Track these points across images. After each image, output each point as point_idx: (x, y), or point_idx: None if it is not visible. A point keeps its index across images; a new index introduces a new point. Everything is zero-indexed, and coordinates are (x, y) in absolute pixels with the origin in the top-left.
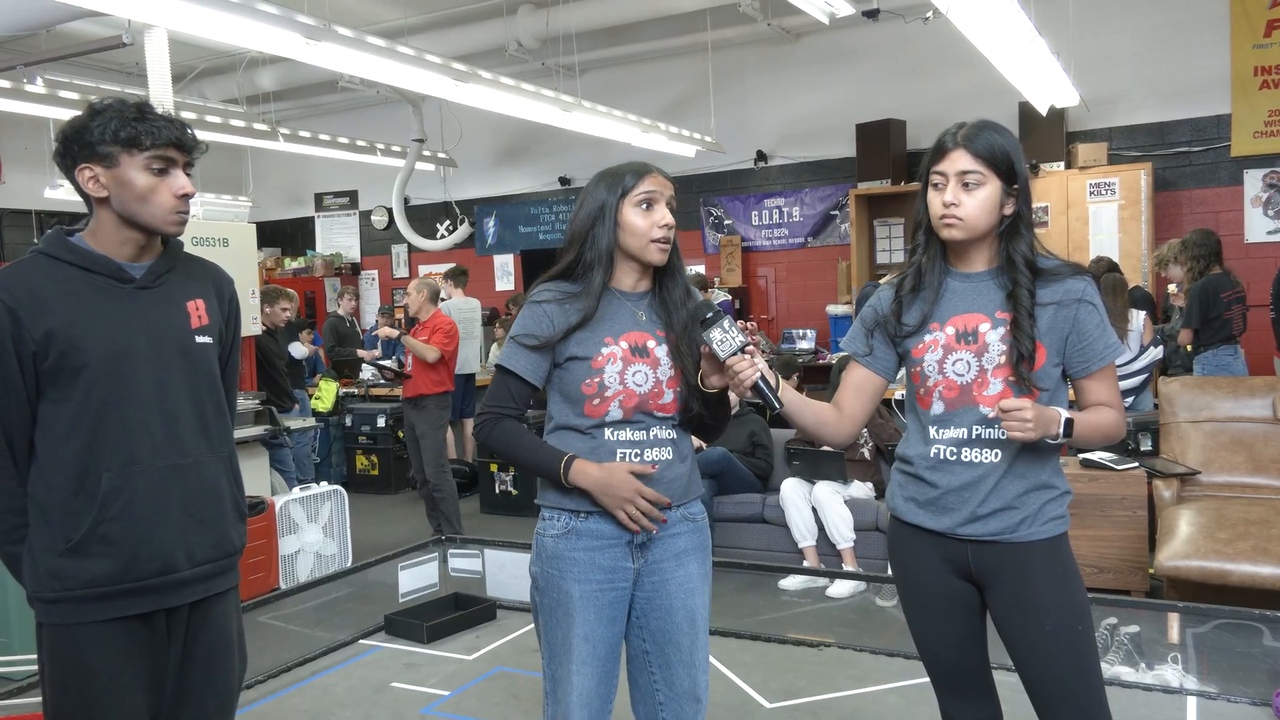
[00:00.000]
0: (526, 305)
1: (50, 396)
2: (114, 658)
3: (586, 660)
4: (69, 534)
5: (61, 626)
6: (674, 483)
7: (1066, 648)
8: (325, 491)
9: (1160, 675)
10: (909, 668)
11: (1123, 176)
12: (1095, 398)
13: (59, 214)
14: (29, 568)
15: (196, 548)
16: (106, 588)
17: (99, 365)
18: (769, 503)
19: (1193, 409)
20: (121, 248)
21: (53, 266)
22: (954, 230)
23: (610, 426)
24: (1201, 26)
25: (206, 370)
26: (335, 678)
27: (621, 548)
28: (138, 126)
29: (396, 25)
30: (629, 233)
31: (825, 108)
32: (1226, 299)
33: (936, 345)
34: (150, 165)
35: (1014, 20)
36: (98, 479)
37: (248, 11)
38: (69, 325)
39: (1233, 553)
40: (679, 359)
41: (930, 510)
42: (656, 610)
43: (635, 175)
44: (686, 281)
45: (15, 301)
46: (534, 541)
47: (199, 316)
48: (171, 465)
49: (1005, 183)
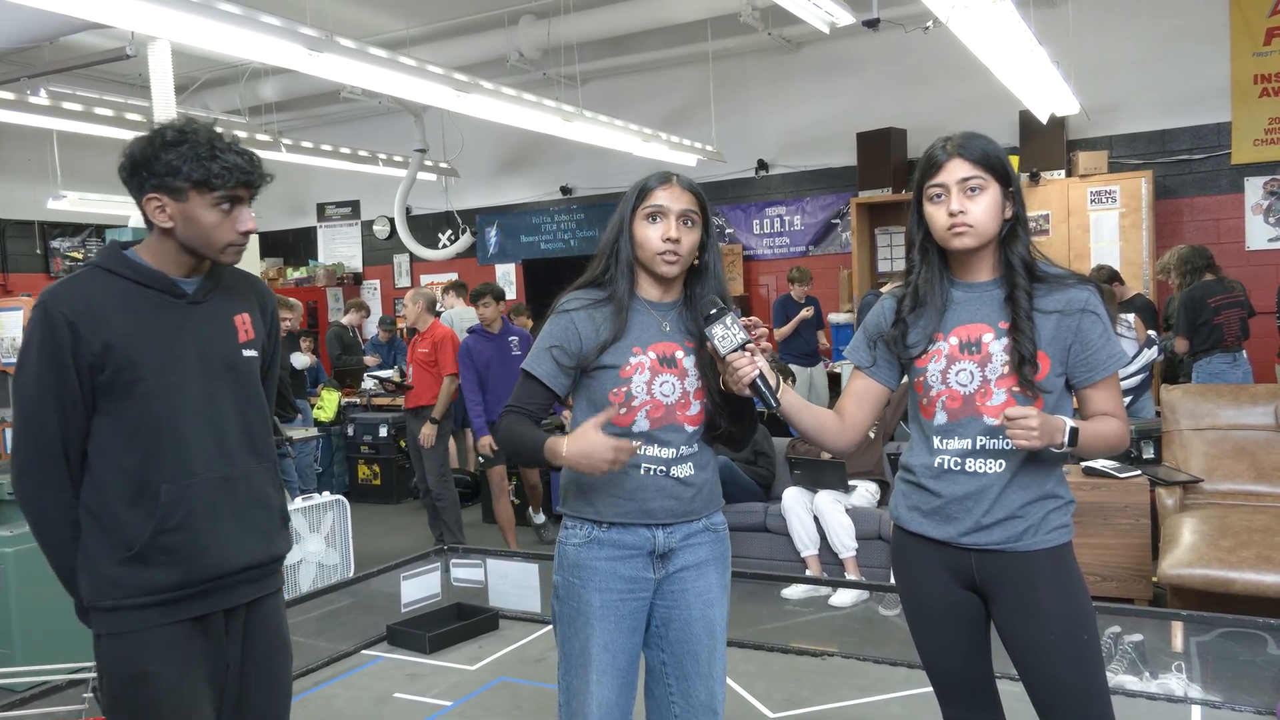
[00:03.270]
0: (555, 315)
1: (104, 409)
2: (175, 663)
3: (606, 670)
4: (130, 544)
5: (121, 635)
6: (698, 495)
7: (1071, 657)
8: (327, 501)
9: (1164, 684)
10: (913, 677)
11: (1123, 184)
12: (1099, 407)
13: (62, 225)
14: (86, 577)
15: (249, 553)
16: (166, 594)
17: (154, 379)
18: (771, 512)
19: (1195, 417)
20: (177, 267)
21: (109, 280)
22: (965, 238)
23: (637, 440)
24: (1201, 34)
25: (251, 383)
26: (337, 688)
27: (643, 558)
28: (210, 166)
29: (398, 36)
30: (638, 245)
31: (826, 117)
32: (1215, 304)
33: (940, 355)
34: (219, 204)
35: (1014, 29)
36: (156, 490)
37: (250, 23)
38: (126, 339)
39: (1236, 561)
40: (705, 370)
41: (934, 519)
42: (676, 621)
43: (649, 186)
44: (723, 292)
45: (75, 315)
46: (556, 550)
47: (245, 330)
48: (222, 476)
49: (1003, 185)
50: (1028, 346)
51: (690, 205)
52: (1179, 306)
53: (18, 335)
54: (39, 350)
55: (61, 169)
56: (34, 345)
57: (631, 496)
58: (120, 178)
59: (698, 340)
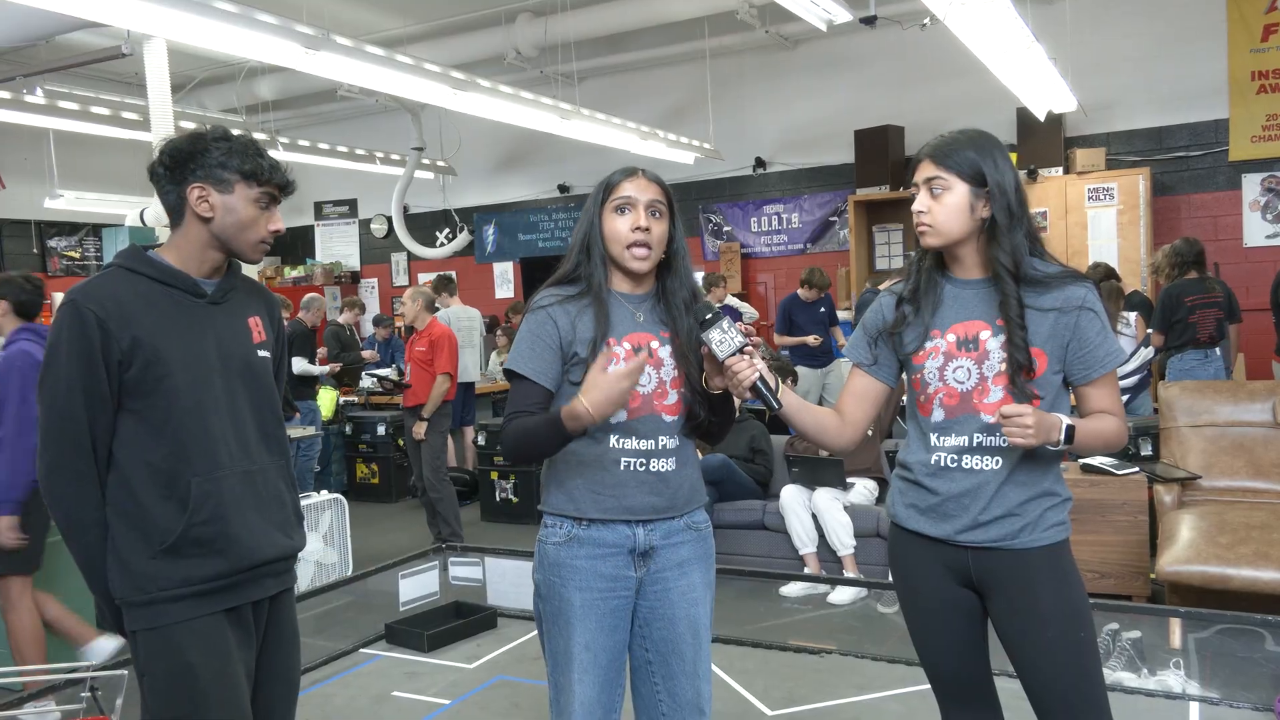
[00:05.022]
0: (529, 312)
1: (129, 406)
2: (216, 652)
3: (588, 668)
4: (162, 538)
5: (158, 629)
6: (679, 491)
7: (1069, 654)
8: (325, 500)
9: (1162, 681)
10: (910, 674)
11: (1121, 181)
12: (1097, 405)
13: (58, 224)
14: (118, 573)
15: (273, 546)
16: (201, 585)
17: (180, 376)
18: (769, 509)
19: (1193, 414)
20: (200, 266)
21: (133, 280)
22: (926, 237)
23: (615, 433)
24: (1199, 31)
25: (266, 382)
26: (335, 687)
27: (624, 556)
28: (259, 161)
29: (395, 34)
30: (608, 238)
31: (823, 114)
32: (1191, 303)
33: (937, 352)
34: (260, 200)
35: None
36: (187, 485)
37: (247, 21)
38: (152, 336)
39: (1234, 557)
40: (683, 361)
41: (931, 517)
42: (659, 620)
43: (615, 179)
44: (693, 285)
45: (105, 313)
46: (536, 549)
47: (258, 332)
48: (245, 471)
49: (974, 187)
50: (1022, 355)
51: (657, 196)
52: (1158, 303)
53: None
54: (69, 348)
55: (58, 168)
56: (63, 343)
57: (612, 491)
58: (153, 173)
59: (673, 330)
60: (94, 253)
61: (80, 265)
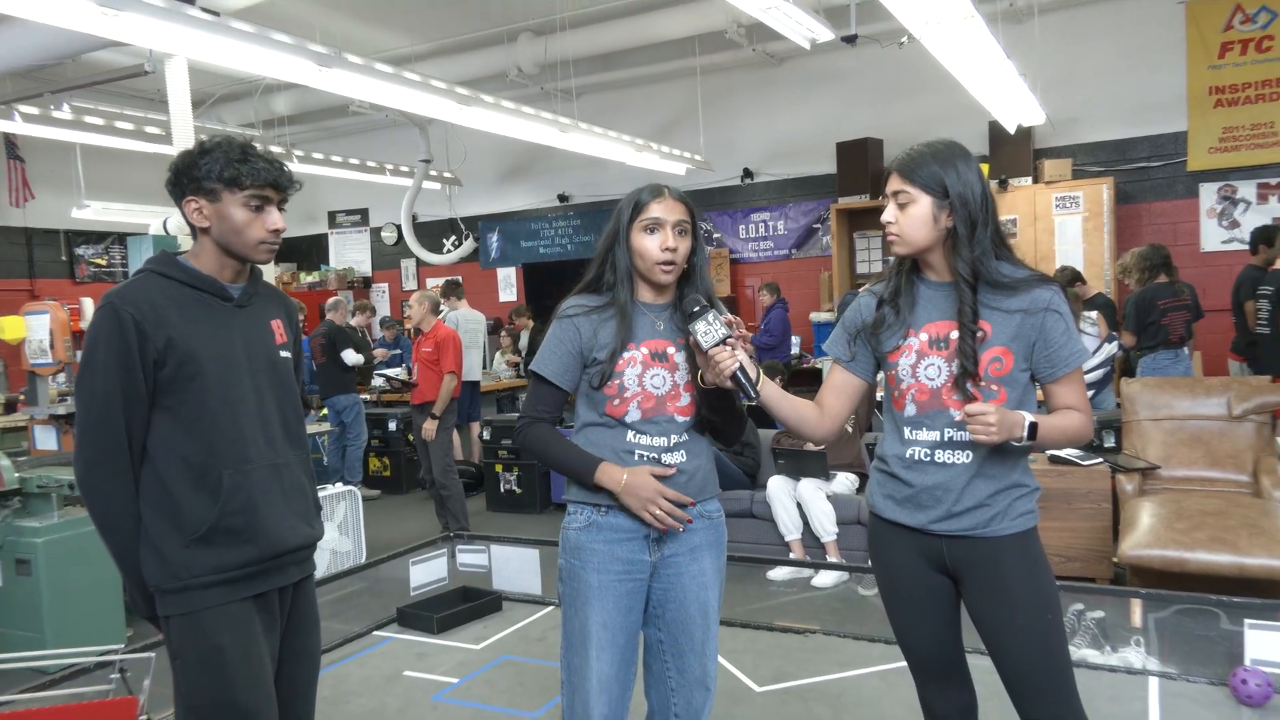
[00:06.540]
0: (556, 321)
1: (163, 404)
2: (244, 636)
3: (605, 646)
4: (196, 528)
5: (191, 614)
6: (690, 482)
7: (1037, 636)
8: (340, 492)
9: (1124, 657)
10: (889, 652)
11: (1086, 190)
12: (1063, 402)
13: (86, 233)
14: (152, 562)
15: (298, 535)
16: (232, 572)
17: (211, 374)
18: (757, 499)
19: (1153, 408)
20: (221, 271)
21: (164, 284)
22: (895, 245)
23: (631, 428)
24: (1160, 49)
25: (288, 381)
26: (351, 667)
27: (639, 541)
28: (240, 167)
29: (404, 53)
30: (637, 254)
31: (807, 127)
32: (1164, 306)
33: (911, 350)
34: (248, 203)
35: (983, 44)
36: (218, 477)
37: (263, 41)
38: (185, 337)
39: (1191, 542)
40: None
41: (907, 507)
42: (672, 602)
43: (644, 200)
44: (709, 293)
45: (140, 314)
46: (560, 535)
47: (280, 334)
48: (271, 465)
49: (938, 199)
50: (969, 363)
51: (683, 215)
52: (1130, 305)
53: (45, 338)
54: (106, 348)
55: (85, 180)
56: (101, 343)
57: None
58: (167, 190)
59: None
60: (120, 260)
61: (106, 272)
